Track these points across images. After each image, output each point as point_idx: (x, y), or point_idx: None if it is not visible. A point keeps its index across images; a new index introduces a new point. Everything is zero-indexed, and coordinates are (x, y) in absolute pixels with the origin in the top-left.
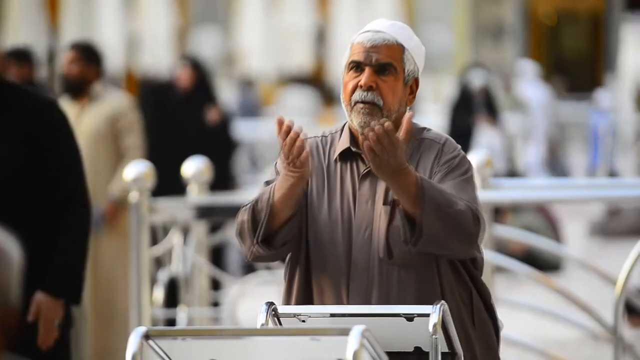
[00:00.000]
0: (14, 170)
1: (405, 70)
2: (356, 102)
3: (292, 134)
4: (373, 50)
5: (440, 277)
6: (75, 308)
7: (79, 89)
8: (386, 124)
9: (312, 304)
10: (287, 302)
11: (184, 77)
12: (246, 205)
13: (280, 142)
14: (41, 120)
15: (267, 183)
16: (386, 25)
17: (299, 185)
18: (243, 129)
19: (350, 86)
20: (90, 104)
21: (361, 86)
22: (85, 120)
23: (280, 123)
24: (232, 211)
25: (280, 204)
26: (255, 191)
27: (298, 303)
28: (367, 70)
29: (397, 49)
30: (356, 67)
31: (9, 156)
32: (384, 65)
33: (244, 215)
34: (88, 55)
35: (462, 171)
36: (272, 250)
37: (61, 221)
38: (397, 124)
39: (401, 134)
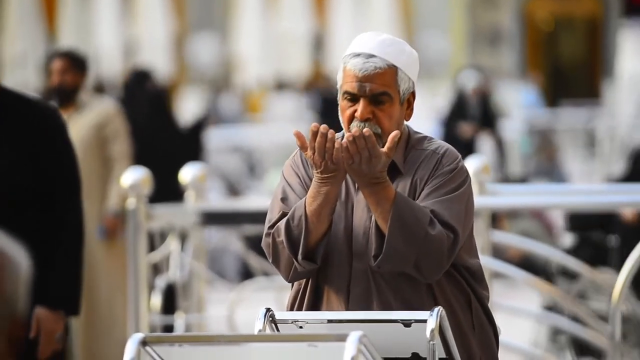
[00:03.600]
0: (10, 179)
1: (400, 92)
2: None
3: (319, 136)
4: (366, 80)
5: (430, 283)
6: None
7: (69, 98)
8: (365, 129)
9: (320, 309)
10: (294, 306)
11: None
12: (270, 227)
13: (309, 153)
14: (40, 128)
15: (283, 200)
16: (376, 43)
17: (336, 188)
18: (241, 136)
19: (347, 113)
20: (77, 112)
21: (357, 118)
22: (73, 129)
23: (301, 136)
24: (235, 217)
25: (316, 216)
26: (258, 200)
27: (307, 309)
28: (362, 101)
29: (389, 74)
30: (351, 97)
31: (6, 165)
32: (379, 95)
33: (277, 237)
34: (78, 64)
35: (454, 186)
36: (315, 265)
37: (56, 230)
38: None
39: (384, 149)
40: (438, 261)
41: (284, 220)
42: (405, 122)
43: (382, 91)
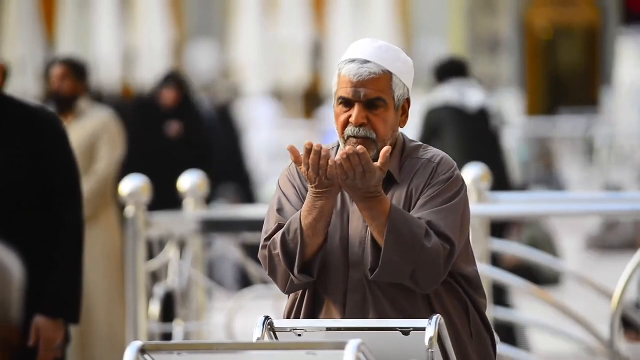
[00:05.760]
0: (9, 178)
1: (395, 98)
2: (349, 137)
3: (313, 153)
4: (360, 86)
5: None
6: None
7: (68, 105)
8: (359, 147)
9: (317, 318)
10: (291, 315)
11: (169, 96)
12: (266, 239)
13: (304, 169)
14: (41, 134)
15: (279, 211)
16: (371, 50)
17: (330, 203)
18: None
19: (341, 119)
20: (75, 120)
21: (352, 123)
22: (71, 137)
23: (295, 151)
24: (234, 226)
25: (312, 230)
26: (257, 208)
27: (305, 317)
28: (356, 106)
29: (384, 79)
30: (345, 102)
31: (6, 171)
32: (373, 100)
33: (273, 250)
34: (77, 71)
35: (449, 195)
36: (312, 278)
37: (56, 231)
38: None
39: (377, 164)
40: (435, 273)
41: (280, 233)
42: (400, 130)
43: (377, 96)
